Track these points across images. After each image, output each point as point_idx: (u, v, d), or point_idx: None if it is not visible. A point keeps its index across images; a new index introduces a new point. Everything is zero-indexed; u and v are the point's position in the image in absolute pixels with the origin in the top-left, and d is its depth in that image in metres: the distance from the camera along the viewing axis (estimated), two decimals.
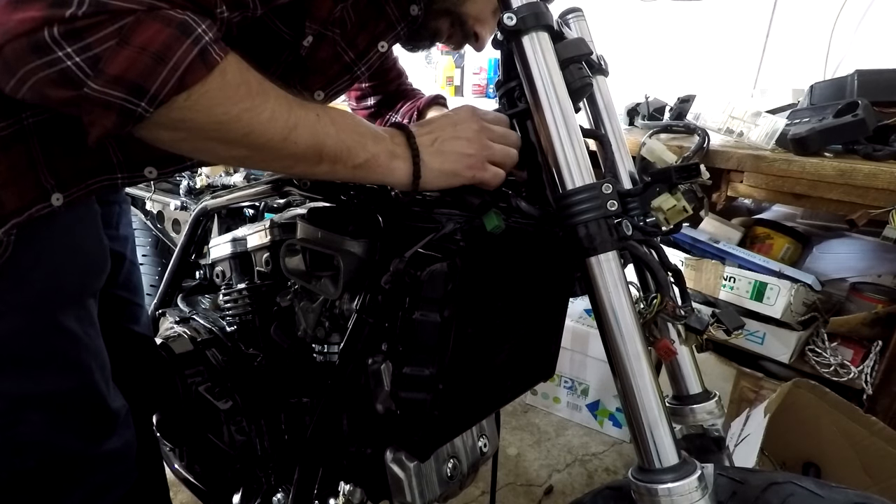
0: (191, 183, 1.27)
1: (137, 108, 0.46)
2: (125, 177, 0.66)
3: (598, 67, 0.76)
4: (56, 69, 0.44)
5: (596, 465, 1.62)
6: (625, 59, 1.70)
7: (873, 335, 1.29)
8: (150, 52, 0.45)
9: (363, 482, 0.79)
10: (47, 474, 0.69)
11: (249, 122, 0.51)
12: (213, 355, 1.01)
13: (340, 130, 0.58)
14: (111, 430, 0.74)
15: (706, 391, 0.77)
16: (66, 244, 0.67)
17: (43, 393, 0.66)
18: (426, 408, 0.64)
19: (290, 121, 0.54)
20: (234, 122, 0.51)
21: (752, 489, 0.57)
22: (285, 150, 0.55)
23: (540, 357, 0.83)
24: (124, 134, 0.49)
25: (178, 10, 0.47)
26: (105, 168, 0.65)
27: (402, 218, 0.70)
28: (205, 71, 0.47)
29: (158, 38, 0.45)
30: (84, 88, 0.45)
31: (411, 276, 0.62)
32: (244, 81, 0.51)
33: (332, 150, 0.57)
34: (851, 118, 1.12)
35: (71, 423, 0.69)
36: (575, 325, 1.70)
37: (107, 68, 0.44)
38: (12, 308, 0.62)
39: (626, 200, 0.65)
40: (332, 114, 0.58)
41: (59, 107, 0.47)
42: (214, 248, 1.06)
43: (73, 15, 0.43)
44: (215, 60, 0.48)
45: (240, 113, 0.51)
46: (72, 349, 0.68)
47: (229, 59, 0.50)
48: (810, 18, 1.78)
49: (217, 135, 0.52)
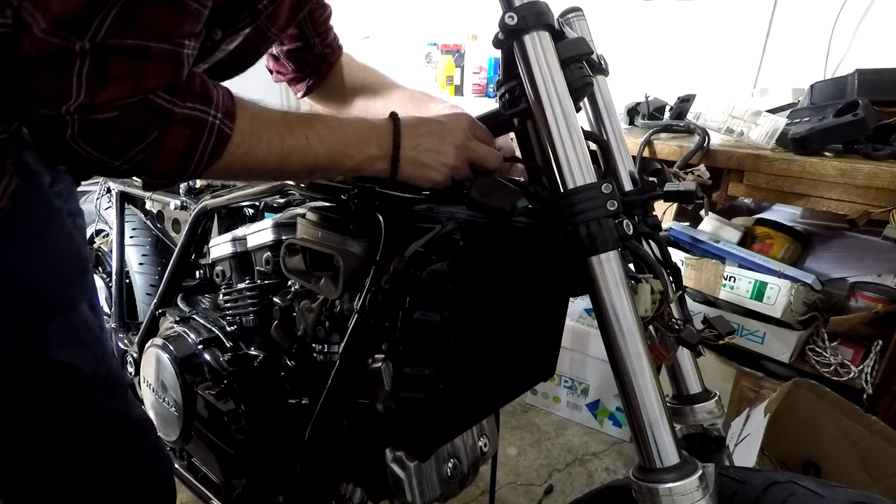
0: (191, 183, 1.27)
1: (178, 181, 0.60)
2: None
3: (599, 67, 0.76)
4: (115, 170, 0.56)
5: (596, 464, 1.61)
6: (625, 59, 1.70)
7: (873, 335, 1.29)
8: (179, 154, 0.55)
9: (363, 482, 0.79)
10: (86, 488, 0.69)
11: (249, 161, 0.60)
12: (214, 355, 1.01)
13: (329, 146, 0.64)
14: (135, 437, 0.74)
15: (706, 391, 0.77)
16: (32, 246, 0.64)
17: (46, 416, 0.64)
18: (426, 408, 0.64)
19: (284, 150, 0.62)
20: (235, 165, 0.60)
21: (752, 489, 0.57)
22: (280, 173, 0.66)
23: (540, 357, 0.83)
24: None
25: (188, 107, 0.54)
26: None
27: (402, 217, 0.70)
28: (221, 148, 0.58)
29: (182, 142, 0.55)
30: (135, 178, 0.59)
31: (412, 276, 0.62)
32: (245, 132, 0.59)
33: (322, 164, 0.65)
34: (852, 118, 1.12)
35: (87, 440, 0.68)
36: (575, 325, 1.70)
37: (152, 168, 0.56)
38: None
39: (626, 200, 0.65)
40: (321, 130, 0.64)
41: None
42: (214, 247, 1.06)
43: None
44: (227, 135, 0.58)
45: (240, 156, 0.59)
46: (70, 363, 0.66)
47: (237, 124, 0.58)
48: (810, 18, 1.78)
49: (225, 174, 0.64)
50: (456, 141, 0.67)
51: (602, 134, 0.79)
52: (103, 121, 0.50)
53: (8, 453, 0.63)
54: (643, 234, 0.70)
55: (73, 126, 0.50)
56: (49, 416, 0.64)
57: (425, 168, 0.67)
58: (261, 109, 0.62)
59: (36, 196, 0.64)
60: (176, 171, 0.57)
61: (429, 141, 0.67)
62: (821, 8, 1.75)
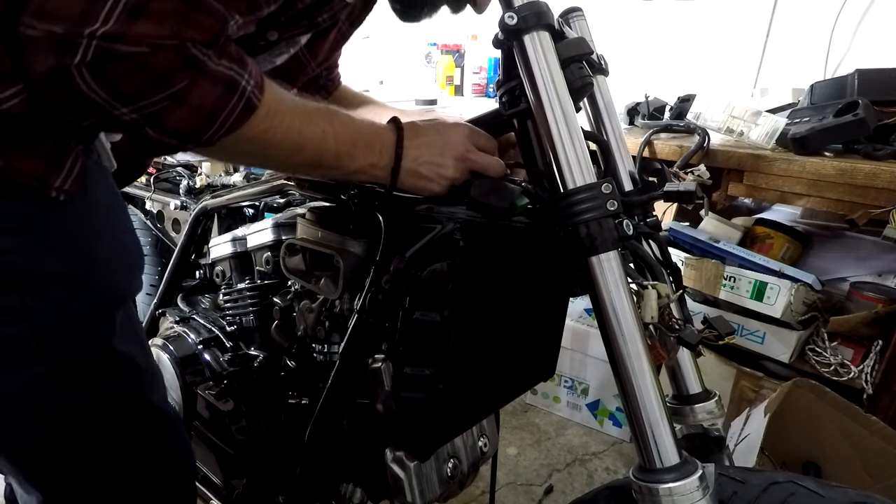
0: (191, 183, 1.27)
1: (187, 148, 0.54)
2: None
3: (599, 67, 0.76)
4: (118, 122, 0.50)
5: (596, 464, 1.61)
6: (625, 59, 1.70)
7: (873, 335, 1.29)
8: (204, 113, 0.51)
9: (363, 482, 0.79)
10: (128, 482, 0.69)
11: (264, 142, 0.57)
12: (213, 355, 1.01)
13: (340, 145, 0.63)
14: (171, 431, 0.74)
15: (706, 391, 0.77)
16: (110, 239, 0.64)
17: (107, 405, 0.65)
18: (426, 408, 0.64)
19: (300, 140, 0.59)
20: (249, 141, 0.57)
21: (752, 489, 0.57)
22: (287, 161, 0.63)
23: (540, 357, 0.83)
24: None
25: (223, 64, 0.51)
26: None
27: (402, 218, 0.70)
28: (246, 117, 0.54)
29: (210, 99, 0.50)
30: (141, 131, 0.51)
31: (412, 276, 0.62)
32: (270, 110, 0.56)
33: (328, 162, 0.63)
34: (852, 117, 1.12)
35: (135, 431, 0.68)
36: (575, 325, 1.70)
37: (165, 122, 0.50)
38: (76, 318, 0.60)
39: (627, 200, 0.65)
40: (337, 127, 0.63)
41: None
42: (214, 247, 1.06)
43: None
44: (255, 105, 0.54)
45: (258, 134, 0.56)
46: (130, 354, 0.67)
47: (265, 98, 0.55)
48: (810, 18, 1.78)
49: (236, 150, 0.58)
50: (455, 153, 0.66)
51: (602, 134, 0.79)
52: (127, 54, 0.45)
53: (62, 439, 0.63)
54: (643, 234, 0.70)
55: (85, 52, 0.44)
56: (109, 405, 0.65)
57: (424, 180, 0.67)
58: (285, 93, 0.59)
59: (102, 181, 0.63)
60: (193, 131, 0.52)
61: (429, 153, 0.66)
62: (821, 8, 1.75)
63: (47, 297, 0.57)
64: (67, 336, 0.59)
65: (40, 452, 0.63)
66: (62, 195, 0.54)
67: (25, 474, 0.65)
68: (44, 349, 0.57)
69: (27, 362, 0.57)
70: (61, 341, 0.59)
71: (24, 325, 0.56)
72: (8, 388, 0.58)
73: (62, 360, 0.59)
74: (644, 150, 1.38)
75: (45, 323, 0.57)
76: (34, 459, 0.64)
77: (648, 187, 0.74)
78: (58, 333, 0.58)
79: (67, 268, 0.58)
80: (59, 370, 0.59)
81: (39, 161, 0.52)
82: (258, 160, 0.64)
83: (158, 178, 1.33)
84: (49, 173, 0.53)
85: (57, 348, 0.58)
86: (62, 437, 0.62)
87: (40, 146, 0.52)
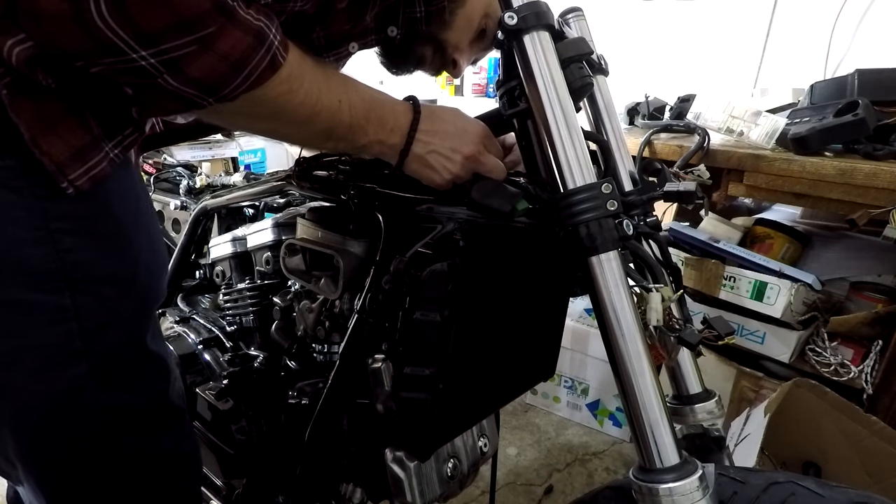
0: (191, 182, 1.27)
1: (203, 102, 0.50)
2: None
3: (599, 67, 0.76)
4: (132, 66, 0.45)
5: (596, 464, 1.61)
6: (625, 59, 1.70)
7: (873, 335, 1.29)
8: (230, 62, 0.47)
9: (363, 482, 0.79)
10: (144, 481, 0.68)
11: (280, 104, 0.55)
12: (214, 355, 1.01)
13: (354, 117, 0.61)
14: (187, 431, 0.75)
15: (706, 391, 0.77)
16: (153, 241, 0.65)
17: (139, 403, 0.65)
18: (426, 408, 0.64)
19: (317, 107, 0.57)
20: (266, 103, 0.54)
21: (752, 489, 0.57)
22: (299, 130, 0.60)
23: (540, 357, 0.83)
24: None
25: (251, 15, 0.48)
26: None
27: (402, 218, 0.70)
28: (270, 73, 0.51)
29: (238, 48, 0.47)
30: (156, 80, 0.46)
31: (411, 276, 0.62)
32: (293, 71, 0.54)
33: (340, 133, 0.61)
34: (852, 117, 1.12)
35: (158, 429, 0.69)
36: (575, 325, 1.70)
37: (187, 69, 0.46)
38: (121, 318, 0.61)
39: (627, 200, 0.65)
40: (353, 98, 0.61)
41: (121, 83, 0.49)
42: (214, 247, 1.06)
43: None
44: (279, 63, 0.51)
45: (276, 96, 0.53)
46: (160, 354, 0.67)
47: (289, 57, 0.53)
48: (810, 18, 1.78)
49: (251, 111, 0.55)
50: (467, 151, 0.66)
51: (602, 134, 0.79)
52: None
53: (94, 438, 0.62)
54: (643, 234, 0.70)
55: None
56: (140, 404, 0.65)
57: (429, 170, 0.66)
58: (307, 57, 0.57)
59: (141, 184, 0.64)
60: (215, 82, 0.48)
61: (442, 144, 0.65)
62: (821, 8, 1.75)
63: (97, 296, 0.57)
64: (110, 335, 0.59)
65: (69, 453, 0.62)
66: (71, 189, 0.53)
67: (39, 476, 0.63)
68: (87, 348, 0.58)
69: (71, 361, 0.58)
70: (104, 340, 0.59)
71: (73, 323, 0.56)
72: (51, 387, 0.58)
73: (103, 358, 0.60)
74: (644, 150, 1.38)
75: (92, 322, 0.57)
76: (59, 460, 0.63)
77: (648, 187, 0.74)
78: (102, 333, 0.59)
79: (122, 268, 0.59)
80: (99, 369, 0.59)
81: (67, 149, 0.52)
82: (268, 125, 0.59)
83: (158, 178, 1.33)
84: (70, 164, 0.52)
85: (99, 347, 0.59)
86: (94, 436, 0.62)
87: (74, 136, 0.52)
